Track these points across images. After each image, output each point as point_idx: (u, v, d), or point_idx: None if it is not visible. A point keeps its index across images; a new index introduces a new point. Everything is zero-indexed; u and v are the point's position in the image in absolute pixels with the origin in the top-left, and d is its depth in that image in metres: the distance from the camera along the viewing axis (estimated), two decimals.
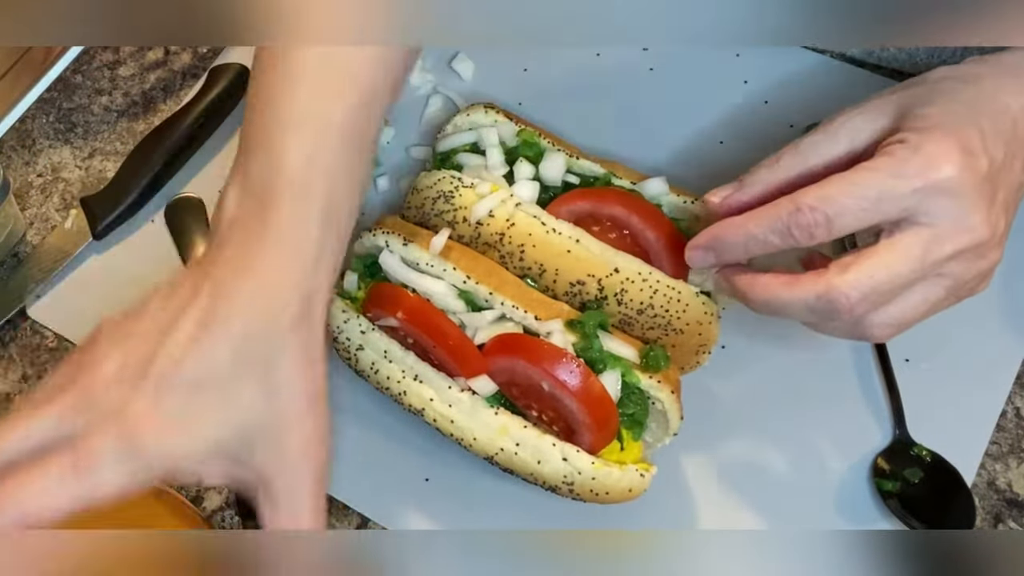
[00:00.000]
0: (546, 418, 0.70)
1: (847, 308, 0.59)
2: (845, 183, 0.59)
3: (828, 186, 0.59)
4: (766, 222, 0.61)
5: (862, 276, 0.59)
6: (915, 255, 0.59)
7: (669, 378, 0.69)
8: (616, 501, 0.69)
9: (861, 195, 0.58)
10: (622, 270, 0.71)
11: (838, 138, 0.63)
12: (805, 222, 0.59)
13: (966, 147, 0.58)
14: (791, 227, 0.60)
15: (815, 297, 0.60)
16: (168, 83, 0.99)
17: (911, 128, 0.60)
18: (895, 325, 0.62)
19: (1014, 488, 0.74)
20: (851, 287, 0.59)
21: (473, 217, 0.75)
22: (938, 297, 0.61)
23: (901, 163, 0.58)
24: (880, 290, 0.59)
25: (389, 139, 0.93)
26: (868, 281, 0.59)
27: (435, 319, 0.70)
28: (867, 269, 0.59)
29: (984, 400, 0.76)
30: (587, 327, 0.69)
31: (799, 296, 0.61)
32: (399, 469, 0.79)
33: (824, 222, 0.59)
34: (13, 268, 0.91)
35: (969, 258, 0.60)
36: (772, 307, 0.64)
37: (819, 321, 0.63)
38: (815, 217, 0.59)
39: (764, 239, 0.62)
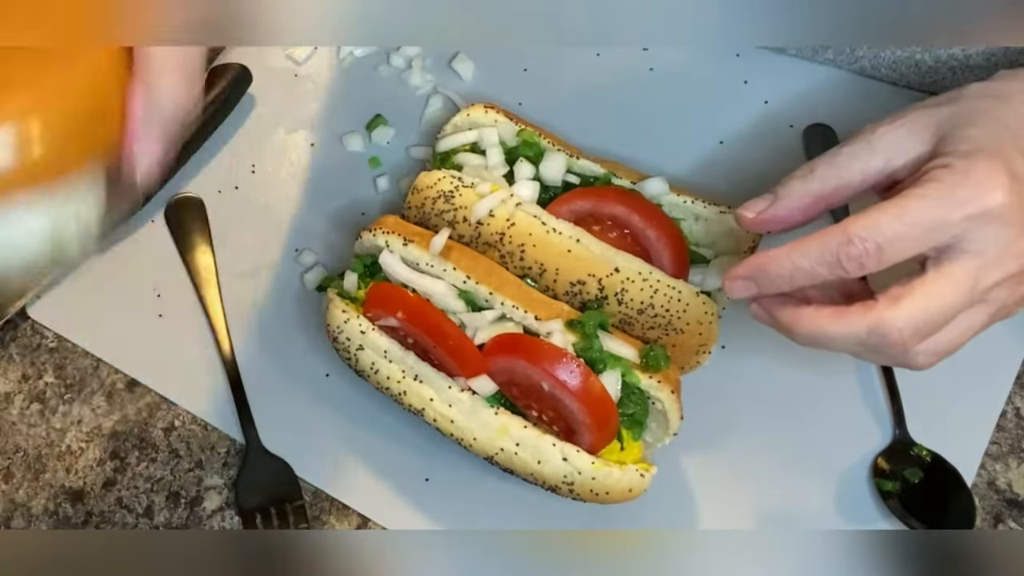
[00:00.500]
0: (546, 418, 0.70)
1: (899, 342, 0.59)
2: (895, 211, 0.58)
3: (877, 214, 0.58)
4: (815, 253, 0.60)
5: (915, 310, 0.58)
6: (965, 286, 0.58)
7: (669, 378, 0.69)
8: (616, 501, 0.69)
9: (913, 223, 0.57)
10: (622, 270, 0.71)
11: (875, 151, 0.62)
12: (856, 252, 0.58)
13: (1012, 172, 0.57)
14: (841, 258, 0.58)
15: (866, 332, 0.59)
16: None
17: (954, 152, 0.59)
18: (939, 353, 0.61)
19: (1014, 488, 0.74)
20: (904, 321, 0.58)
21: (473, 217, 0.75)
22: (981, 323, 0.61)
23: (951, 190, 0.57)
24: (932, 323, 0.58)
25: (389, 139, 0.93)
26: (921, 315, 0.58)
27: (435, 319, 0.70)
28: (920, 302, 0.58)
29: (984, 400, 0.76)
30: (587, 327, 0.69)
31: (849, 330, 0.60)
32: (399, 469, 0.79)
33: (875, 252, 0.58)
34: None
35: (1012, 284, 0.59)
36: (818, 341, 0.62)
37: (865, 352, 0.62)
38: (866, 247, 0.58)
39: (811, 271, 0.60)
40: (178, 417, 0.84)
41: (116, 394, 0.85)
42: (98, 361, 0.86)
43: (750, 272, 0.63)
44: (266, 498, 0.79)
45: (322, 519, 0.78)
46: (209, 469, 0.81)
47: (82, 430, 0.84)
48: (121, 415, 0.84)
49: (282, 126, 0.95)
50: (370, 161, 0.92)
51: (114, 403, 0.85)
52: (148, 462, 0.82)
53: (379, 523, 0.78)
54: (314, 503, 0.79)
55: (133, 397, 0.85)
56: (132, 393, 0.85)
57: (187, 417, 0.83)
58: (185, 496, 0.80)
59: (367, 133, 0.93)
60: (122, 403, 0.85)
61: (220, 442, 0.82)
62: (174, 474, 0.81)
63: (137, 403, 0.84)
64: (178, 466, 0.82)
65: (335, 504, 0.79)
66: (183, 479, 0.81)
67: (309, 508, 0.79)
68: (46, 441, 0.84)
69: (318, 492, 0.79)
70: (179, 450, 0.82)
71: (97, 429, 0.84)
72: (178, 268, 0.89)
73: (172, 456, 0.82)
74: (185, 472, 0.81)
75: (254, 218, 0.91)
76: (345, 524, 0.78)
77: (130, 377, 0.85)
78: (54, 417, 0.84)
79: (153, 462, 0.82)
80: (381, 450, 0.79)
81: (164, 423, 0.83)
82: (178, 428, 0.83)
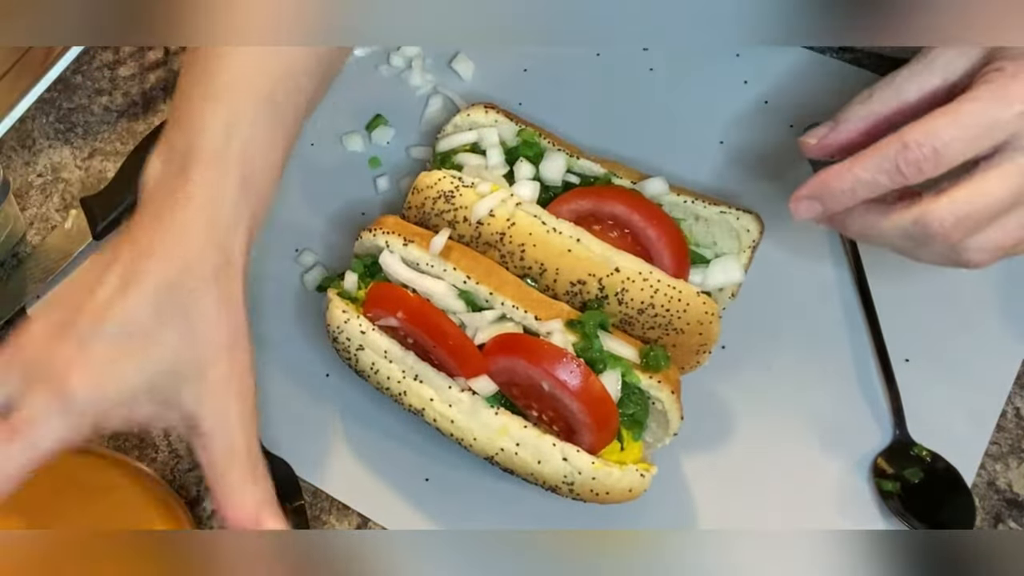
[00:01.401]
0: (546, 418, 0.70)
1: (942, 233, 0.59)
2: (950, 115, 0.59)
3: (933, 120, 0.59)
4: (874, 163, 0.61)
5: (959, 201, 0.59)
6: (1014, 180, 0.58)
7: (669, 378, 0.69)
8: (616, 501, 0.69)
9: (968, 124, 0.58)
10: (623, 269, 0.71)
11: (933, 69, 0.63)
12: (914, 157, 0.59)
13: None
14: (900, 164, 0.59)
15: (911, 222, 0.60)
16: (168, 83, 0.99)
17: (1006, 57, 0.59)
18: (991, 250, 0.61)
19: (1014, 488, 0.74)
20: (947, 211, 0.59)
21: (474, 217, 0.75)
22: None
23: (1002, 88, 0.58)
24: (976, 216, 0.59)
25: (389, 139, 0.93)
26: (965, 206, 0.59)
27: (435, 319, 0.70)
28: (964, 195, 0.59)
29: (984, 400, 0.76)
30: (587, 327, 0.69)
31: (895, 222, 0.61)
32: (399, 469, 0.79)
33: (932, 155, 0.59)
34: (13, 268, 0.91)
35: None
36: (868, 234, 0.64)
37: (914, 247, 0.63)
38: (923, 152, 0.59)
39: (873, 180, 0.61)
40: None
41: None
42: None
43: (813, 191, 0.64)
44: None
45: (322, 519, 0.78)
46: None
47: None
48: None
49: None
50: (370, 161, 0.92)
51: None
52: (148, 462, 0.82)
53: (379, 523, 0.78)
54: (314, 503, 0.79)
55: None
56: None
57: None
58: (185, 496, 0.80)
59: (367, 133, 0.93)
60: None
61: None
62: (174, 474, 0.81)
63: None
64: (178, 466, 0.82)
65: (335, 504, 0.79)
66: (183, 479, 0.81)
67: (309, 508, 0.79)
68: None
69: (318, 492, 0.79)
70: (179, 450, 0.82)
71: None
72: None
73: (172, 456, 0.82)
74: (185, 472, 0.81)
75: None
76: (345, 524, 0.78)
77: None
78: None
79: (153, 462, 0.82)
80: (381, 450, 0.79)
81: None
82: None
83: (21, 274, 0.90)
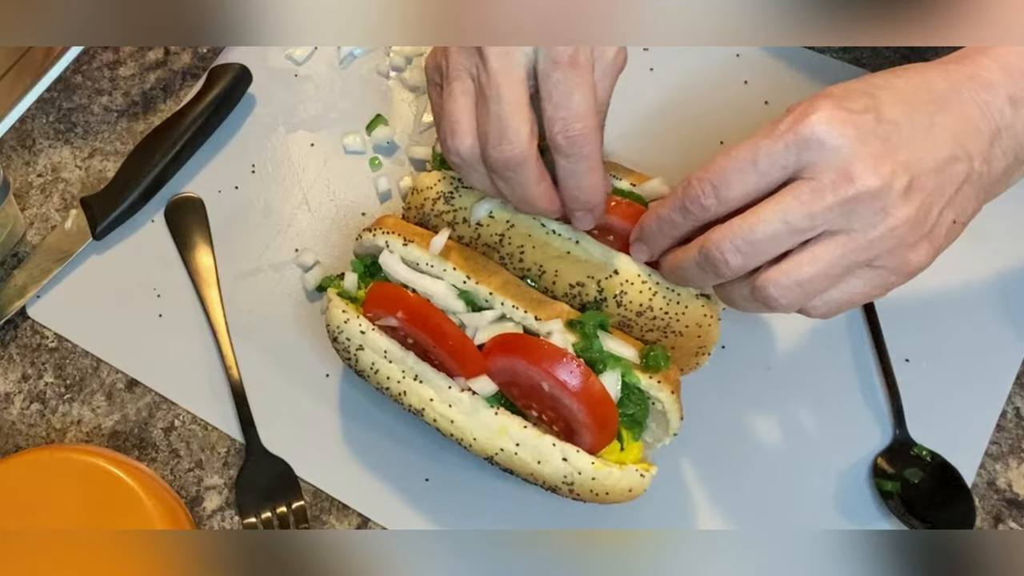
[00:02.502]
0: (546, 418, 0.70)
1: (722, 259, 0.60)
2: (725, 153, 0.60)
3: (714, 157, 0.61)
4: (669, 202, 0.63)
5: (734, 227, 0.59)
6: (791, 206, 0.57)
7: (669, 378, 0.69)
8: (616, 501, 0.69)
9: (738, 157, 0.59)
10: (622, 272, 0.71)
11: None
12: (694, 193, 0.61)
13: (842, 105, 0.58)
14: (685, 201, 0.61)
15: (697, 251, 0.61)
16: (168, 83, 0.99)
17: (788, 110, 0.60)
18: (791, 286, 0.59)
19: (1014, 488, 0.74)
20: (722, 236, 0.59)
21: (473, 218, 0.75)
22: (834, 255, 0.58)
23: (774, 124, 0.59)
24: (758, 244, 0.58)
25: (389, 139, 0.93)
26: (741, 231, 0.59)
27: (435, 319, 0.70)
28: (738, 221, 0.59)
29: (984, 400, 0.76)
30: (587, 327, 0.69)
31: (688, 253, 0.63)
32: (399, 469, 0.79)
33: (711, 191, 0.60)
34: (13, 268, 0.91)
35: (863, 213, 0.57)
36: (677, 274, 0.66)
37: (710, 279, 0.63)
38: (702, 188, 0.60)
39: (671, 219, 0.63)
40: (178, 417, 0.84)
41: (116, 394, 0.85)
42: (98, 361, 0.86)
43: (636, 233, 0.68)
44: (266, 498, 0.79)
45: (322, 519, 0.78)
46: (209, 469, 0.81)
47: (82, 430, 0.84)
48: (121, 415, 0.84)
49: (282, 126, 0.95)
50: (370, 161, 0.92)
51: (114, 403, 0.85)
52: (148, 462, 0.82)
53: (379, 523, 0.78)
54: (314, 503, 0.79)
55: (133, 397, 0.85)
56: (132, 393, 0.85)
57: (187, 417, 0.83)
58: (185, 496, 0.80)
59: (367, 133, 0.93)
60: (122, 403, 0.85)
61: (220, 442, 0.82)
62: (174, 474, 0.81)
63: (137, 403, 0.84)
64: (178, 466, 0.82)
65: (335, 504, 0.79)
66: (183, 479, 0.81)
67: (309, 508, 0.79)
68: (46, 441, 0.84)
69: (318, 492, 0.79)
70: (179, 450, 0.82)
71: (97, 429, 0.84)
72: (178, 268, 0.89)
73: (172, 456, 0.82)
74: (185, 472, 0.81)
75: (254, 218, 0.91)
76: (345, 524, 0.78)
77: (130, 377, 0.85)
78: (54, 417, 0.84)
79: (153, 462, 0.82)
80: (381, 450, 0.79)
81: (164, 423, 0.83)
82: (178, 428, 0.83)
83: (21, 274, 0.90)
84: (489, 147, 0.65)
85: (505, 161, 0.65)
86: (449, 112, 0.67)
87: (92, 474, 0.74)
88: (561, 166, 0.66)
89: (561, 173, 0.67)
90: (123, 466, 0.75)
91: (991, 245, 0.81)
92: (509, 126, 0.64)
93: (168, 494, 0.76)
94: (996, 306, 0.79)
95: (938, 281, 0.79)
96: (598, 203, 0.69)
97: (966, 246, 0.81)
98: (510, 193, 0.68)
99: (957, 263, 0.81)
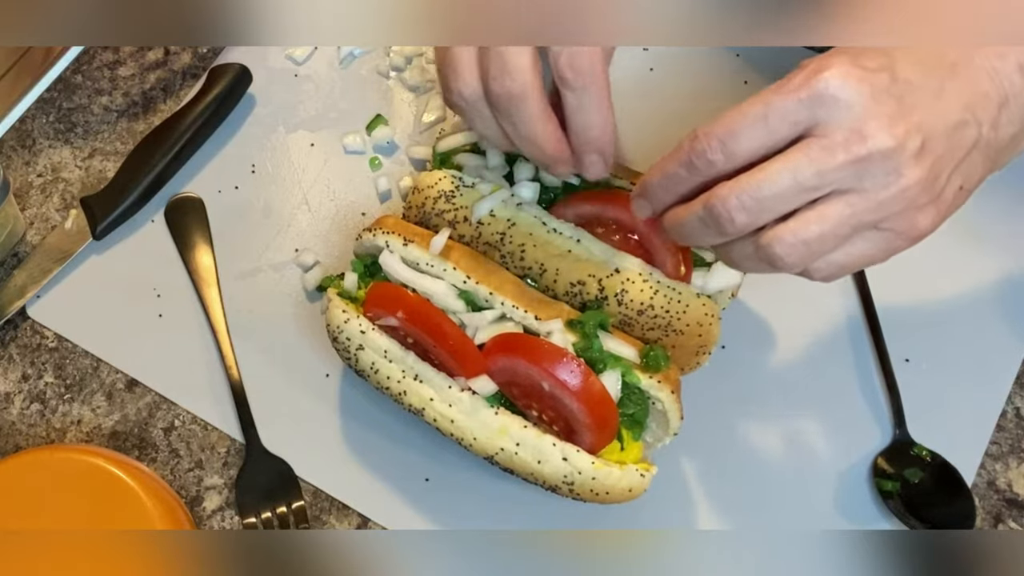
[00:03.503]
0: (546, 418, 0.70)
1: (727, 216, 0.58)
2: (735, 108, 0.58)
3: (724, 112, 0.59)
4: (673, 155, 0.61)
5: (742, 183, 0.57)
6: (800, 163, 0.56)
7: (669, 378, 0.69)
8: (616, 501, 0.69)
9: (748, 113, 0.57)
10: (623, 270, 0.71)
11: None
12: (700, 148, 0.59)
13: (857, 62, 0.57)
14: (691, 155, 0.59)
15: (701, 207, 0.59)
16: (168, 83, 0.99)
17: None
18: (798, 244, 0.58)
19: (1014, 488, 0.74)
20: (729, 192, 0.57)
21: (474, 217, 0.75)
22: (842, 215, 0.57)
23: (786, 80, 0.58)
24: (764, 201, 0.57)
25: (389, 139, 0.93)
26: (748, 188, 0.57)
27: (435, 319, 0.70)
28: (746, 177, 0.57)
29: (984, 400, 0.76)
30: (587, 327, 0.69)
31: (690, 209, 0.60)
32: (399, 469, 0.79)
33: (718, 145, 0.58)
34: (13, 268, 0.91)
35: (875, 173, 0.56)
36: (678, 230, 0.63)
37: (716, 241, 0.61)
38: (709, 142, 0.58)
39: (676, 173, 0.61)
40: (178, 417, 0.84)
41: (116, 394, 0.85)
42: (98, 361, 0.86)
43: (639, 189, 0.65)
44: (266, 498, 0.79)
45: (322, 519, 0.78)
46: (209, 469, 0.81)
47: (82, 430, 0.84)
48: (121, 415, 0.84)
49: (282, 126, 0.95)
50: (370, 161, 0.92)
51: (114, 403, 0.85)
52: (148, 462, 0.82)
53: (379, 523, 0.78)
54: (314, 503, 0.79)
55: (133, 397, 0.85)
56: (132, 393, 0.85)
57: (187, 417, 0.83)
58: (185, 496, 0.80)
59: (367, 133, 0.93)
60: (122, 403, 0.85)
61: (220, 442, 0.82)
62: (174, 474, 0.81)
63: (137, 403, 0.84)
64: (178, 466, 0.82)
65: (335, 504, 0.79)
66: (183, 479, 0.81)
67: (309, 508, 0.79)
68: (46, 441, 0.84)
69: (318, 492, 0.79)
70: (179, 450, 0.82)
71: (97, 429, 0.84)
72: (178, 268, 0.89)
73: (172, 456, 0.82)
74: (185, 472, 0.81)
75: (254, 218, 0.91)
76: (345, 524, 0.78)
77: (130, 377, 0.85)
78: (54, 417, 0.84)
79: (153, 462, 0.82)
80: (381, 450, 0.79)
81: (164, 423, 0.83)
82: (178, 428, 0.83)
83: (21, 274, 0.90)
84: (490, 80, 0.64)
85: (508, 94, 0.64)
86: (451, 55, 0.66)
87: (92, 474, 0.74)
88: (568, 102, 0.65)
89: (568, 110, 0.65)
90: (123, 466, 0.75)
91: (991, 245, 0.81)
92: (509, 59, 0.63)
93: (168, 494, 0.76)
94: (996, 306, 0.79)
95: (938, 281, 0.80)
96: (608, 142, 0.67)
97: (966, 246, 0.81)
98: (515, 134, 0.67)
99: (957, 263, 0.81)
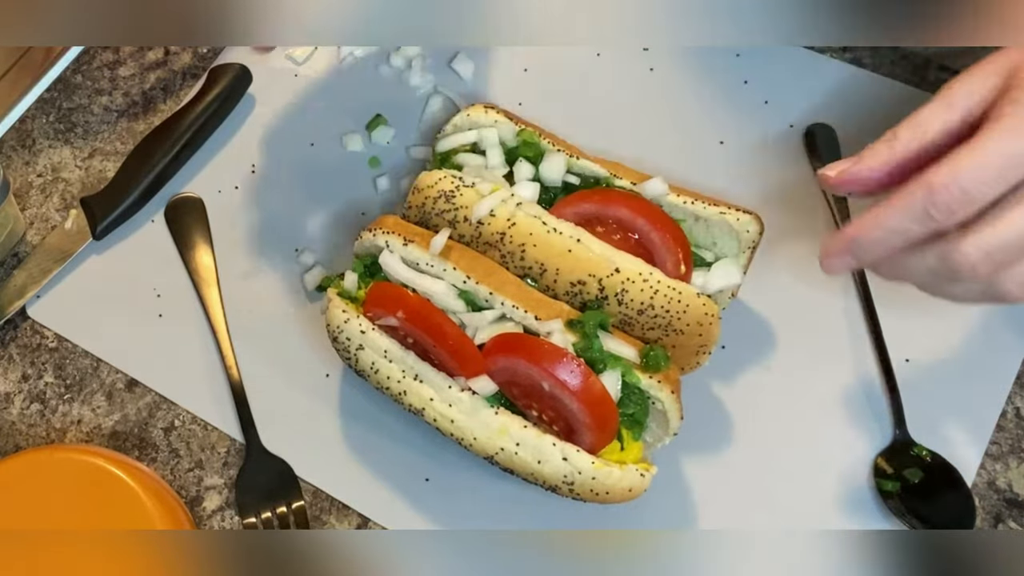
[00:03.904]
0: (546, 418, 0.70)
1: (968, 268, 0.58)
2: (974, 153, 0.58)
3: (957, 160, 0.58)
4: (902, 211, 0.60)
5: (986, 235, 0.58)
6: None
7: (669, 378, 0.69)
8: (616, 501, 0.69)
9: (991, 162, 0.57)
10: (623, 270, 0.71)
11: (953, 107, 0.62)
12: (943, 201, 0.58)
13: None
14: (929, 209, 0.58)
15: (935, 258, 0.59)
16: (168, 83, 0.99)
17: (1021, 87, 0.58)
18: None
19: (1014, 488, 0.74)
20: (972, 246, 0.58)
21: (474, 216, 0.75)
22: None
23: (1021, 120, 0.57)
24: (1007, 249, 0.58)
25: (389, 139, 0.93)
26: (992, 240, 0.58)
27: (435, 319, 0.70)
28: (990, 230, 0.58)
29: (984, 400, 0.76)
30: (587, 327, 0.69)
31: (921, 260, 0.60)
32: (399, 469, 0.79)
33: (961, 196, 0.58)
34: (13, 268, 0.91)
35: None
36: (898, 274, 0.63)
37: (944, 285, 0.62)
38: (951, 194, 0.58)
39: (904, 229, 0.60)
40: (178, 417, 0.84)
41: (116, 394, 0.85)
42: (98, 361, 0.86)
43: (844, 247, 0.63)
44: (266, 498, 0.79)
45: (322, 519, 0.78)
46: (209, 469, 0.81)
47: (82, 430, 0.84)
48: (121, 415, 0.84)
49: (282, 126, 0.95)
50: (370, 161, 0.92)
51: (114, 403, 0.85)
52: (148, 462, 0.82)
53: (379, 523, 0.78)
54: (314, 503, 0.79)
55: (133, 397, 0.85)
56: (132, 393, 0.85)
57: (187, 417, 0.83)
58: (185, 496, 0.80)
59: (367, 133, 0.93)
60: (122, 403, 0.85)
61: (220, 442, 0.82)
62: (174, 474, 0.81)
63: (137, 403, 0.84)
64: (178, 466, 0.82)
65: (335, 504, 0.79)
66: (183, 479, 0.81)
67: (309, 508, 0.79)
68: (46, 441, 0.84)
69: (318, 492, 0.79)
70: (179, 450, 0.82)
71: (97, 429, 0.84)
72: (178, 268, 0.89)
73: (172, 456, 0.82)
74: (185, 472, 0.81)
75: (254, 218, 0.91)
76: (345, 524, 0.78)
77: (130, 377, 0.85)
78: (54, 417, 0.84)
79: (153, 462, 0.82)
80: (381, 450, 0.79)
81: (164, 423, 0.83)
82: (178, 428, 0.83)
83: (21, 274, 0.90)
84: None
85: None
86: None
87: (92, 474, 0.74)
88: None
89: None
90: (123, 466, 0.75)
91: None
92: None
93: (168, 494, 0.76)
94: (996, 306, 0.79)
95: None
96: None
97: None
98: None
99: None
